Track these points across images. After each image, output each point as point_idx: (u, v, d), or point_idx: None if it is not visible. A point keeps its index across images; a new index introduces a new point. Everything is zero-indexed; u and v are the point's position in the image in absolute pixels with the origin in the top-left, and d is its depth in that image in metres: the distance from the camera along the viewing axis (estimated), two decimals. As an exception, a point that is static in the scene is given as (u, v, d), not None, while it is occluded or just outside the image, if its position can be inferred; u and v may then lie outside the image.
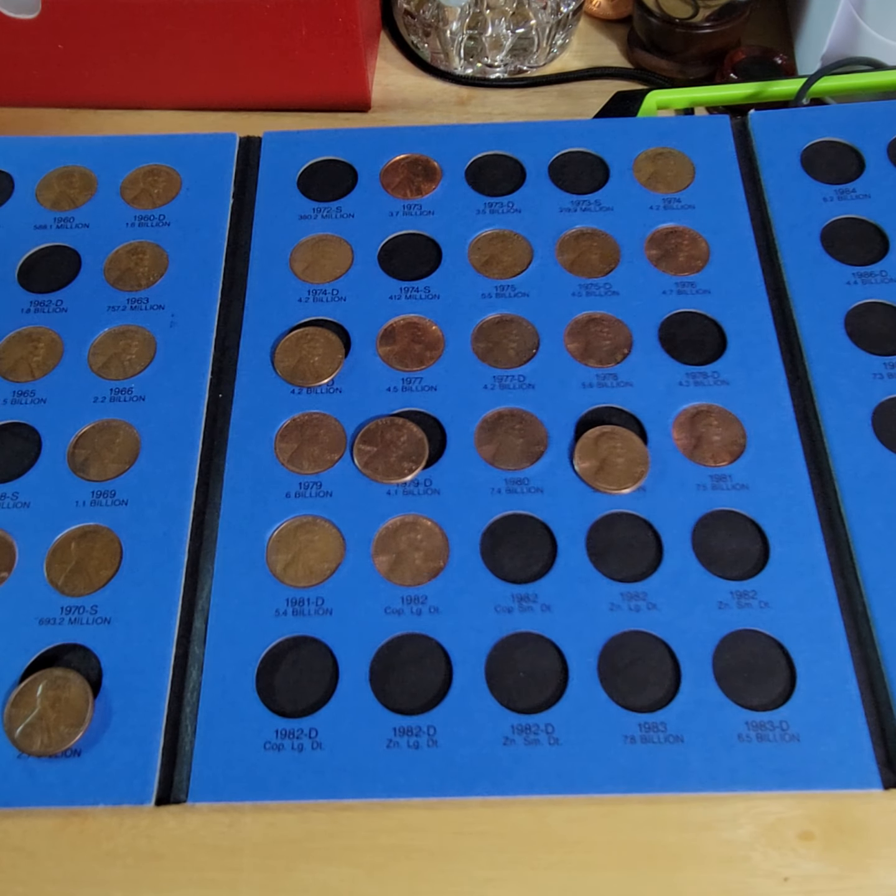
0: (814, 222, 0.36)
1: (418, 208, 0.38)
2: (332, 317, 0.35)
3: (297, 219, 0.37)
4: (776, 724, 0.27)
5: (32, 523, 0.31)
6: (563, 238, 0.37)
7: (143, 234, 0.37)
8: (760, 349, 0.34)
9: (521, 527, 0.31)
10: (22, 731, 0.27)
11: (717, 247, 0.36)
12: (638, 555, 0.30)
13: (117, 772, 0.27)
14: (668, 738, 0.27)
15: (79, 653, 0.29)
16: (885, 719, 0.27)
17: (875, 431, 0.32)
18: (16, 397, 0.33)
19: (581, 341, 0.34)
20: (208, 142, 0.39)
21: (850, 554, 0.30)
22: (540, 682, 0.28)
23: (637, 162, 0.38)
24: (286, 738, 0.27)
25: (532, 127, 0.40)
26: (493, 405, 0.33)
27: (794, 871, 0.26)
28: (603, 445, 0.32)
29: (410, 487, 0.31)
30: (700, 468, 0.31)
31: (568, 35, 0.46)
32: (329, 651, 0.29)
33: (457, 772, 0.27)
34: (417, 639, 0.29)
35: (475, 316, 0.35)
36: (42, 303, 0.36)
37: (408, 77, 0.46)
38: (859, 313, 0.34)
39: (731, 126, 0.39)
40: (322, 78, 0.42)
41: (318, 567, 0.30)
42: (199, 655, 0.29)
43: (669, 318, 0.35)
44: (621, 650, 0.28)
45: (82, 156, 0.39)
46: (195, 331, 0.35)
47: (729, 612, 0.29)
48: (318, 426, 0.33)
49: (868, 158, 0.38)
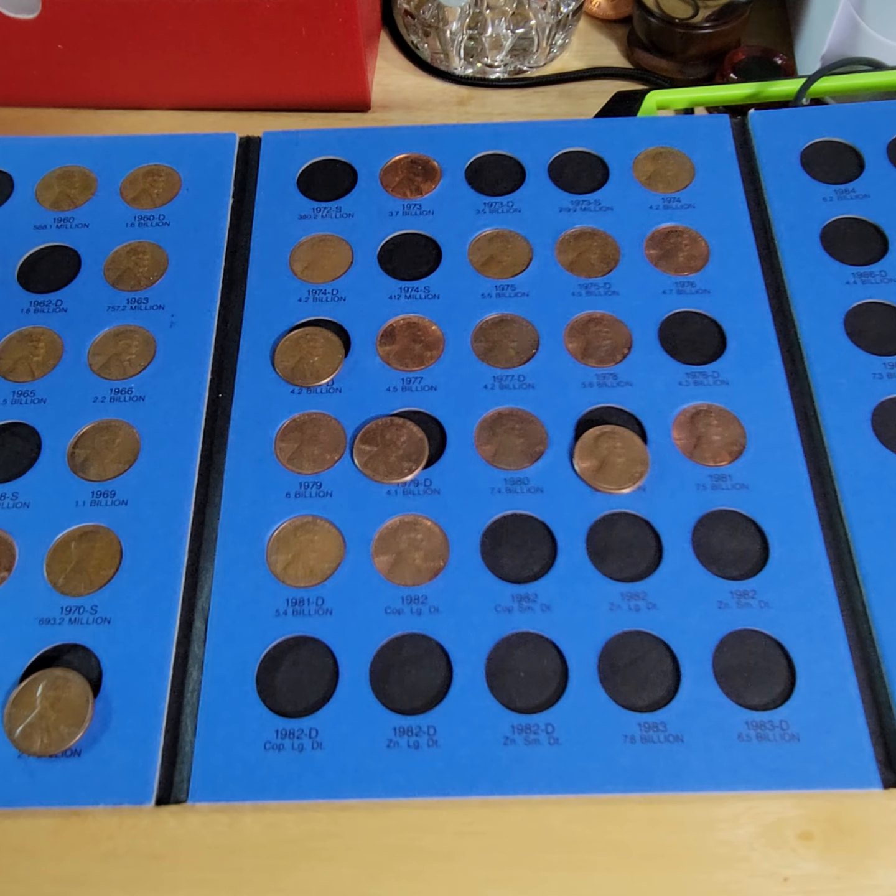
0: (813, 222, 0.36)
1: (418, 208, 0.38)
2: (332, 317, 0.35)
3: (296, 218, 0.37)
4: (776, 724, 0.27)
5: (32, 523, 0.31)
6: (562, 238, 0.37)
7: (143, 234, 0.37)
8: (760, 349, 0.34)
9: (521, 527, 0.31)
10: (22, 731, 0.27)
11: (716, 246, 0.36)
12: (638, 555, 0.30)
13: (117, 772, 0.27)
14: (667, 737, 0.27)
15: (79, 653, 0.29)
16: (885, 719, 0.27)
17: (875, 431, 0.32)
18: (16, 397, 0.33)
19: (581, 341, 0.34)
20: (208, 142, 0.39)
21: (850, 554, 0.30)
22: (540, 682, 0.28)
23: (637, 162, 0.38)
24: (286, 738, 0.27)
25: (532, 127, 0.39)
26: (493, 405, 0.33)
27: (794, 871, 0.26)
28: (603, 445, 0.32)
29: (410, 487, 0.31)
30: (700, 468, 0.31)
31: (568, 35, 0.46)
32: (329, 651, 0.29)
33: (457, 772, 0.27)
34: (417, 639, 0.29)
35: (475, 316, 0.35)
36: (42, 303, 0.36)
37: (408, 77, 0.46)
38: (859, 313, 0.34)
39: (731, 126, 0.39)
40: (322, 78, 0.42)
41: (318, 567, 0.30)
42: (199, 655, 0.29)
43: (669, 318, 0.35)
44: (621, 650, 0.28)
45: (82, 156, 0.39)
46: (195, 331, 0.35)
47: (729, 611, 0.29)
48: (318, 426, 0.33)
49: (868, 158, 0.38)
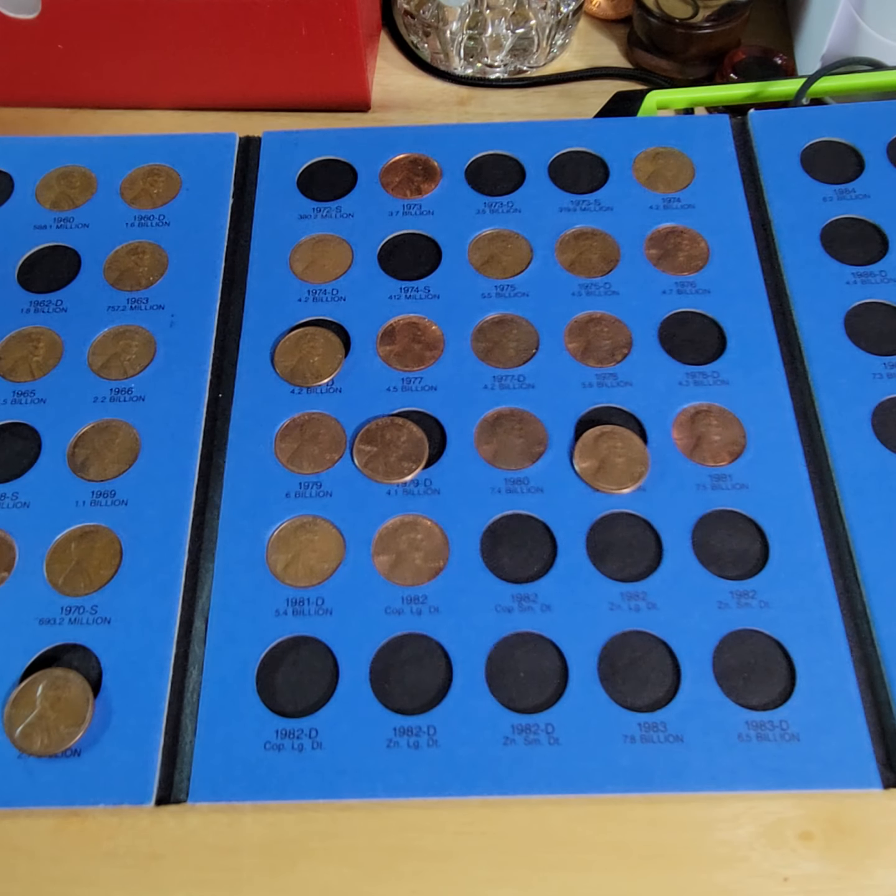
0: (813, 222, 0.36)
1: (418, 208, 0.38)
2: (332, 317, 0.35)
3: (296, 219, 0.37)
4: (776, 724, 0.27)
5: (32, 523, 0.31)
6: (562, 238, 0.37)
7: (143, 234, 0.37)
8: (760, 349, 0.34)
9: (521, 527, 0.31)
10: (22, 731, 0.27)
11: (716, 246, 0.36)
12: (638, 555, 0.30)
13: (117, 772, 0.27)
14: (667, 737, 0.27)
15: (79, 653, 0.29)
16: (885, 719, 0.27)
17: (875, 431, 0.32)
18: (16, 397, 0.33)
19: (581, 341, 0.34)
20: (208, 142, 0.39)
21: (850, 554, 0.30)
22: (540, 682, 0.28)
23: (637, 161, 0.38)
24: (286, 738, 0.27)
25: (532, 127, 0.39)
26: (493, 405, 0.33)
27: (794, 871, 0.26)
28: (603, 445, 0.32)
29: (410, 487, 0.31)
30: (700, 468, 0.31)
31: (568, 35, 0.46)
32: (329, 651, 0.29)
33: (457, 772, 0.27)
34: (417, 639, 0.29)
35: (475, 316, 0.35)
36: (42, 303, 0.36)
37: (408, 77, 0.46)
38: (859, 313, 0.34)
39: (731, 126, 0.39)
40: (322, 78, 0.42)
41: (318, 567, 0.30)
42: (199, 655, 0.29)
43: (669, 318, 0.35)
44: (621, 650, 0.28)
45: (82, 156, 0.39)
46: (195, 331, 0.35)
47: (729, 611, 0.29)
48: (318, 426, 0.33)
49: (867, 158, 0.38)
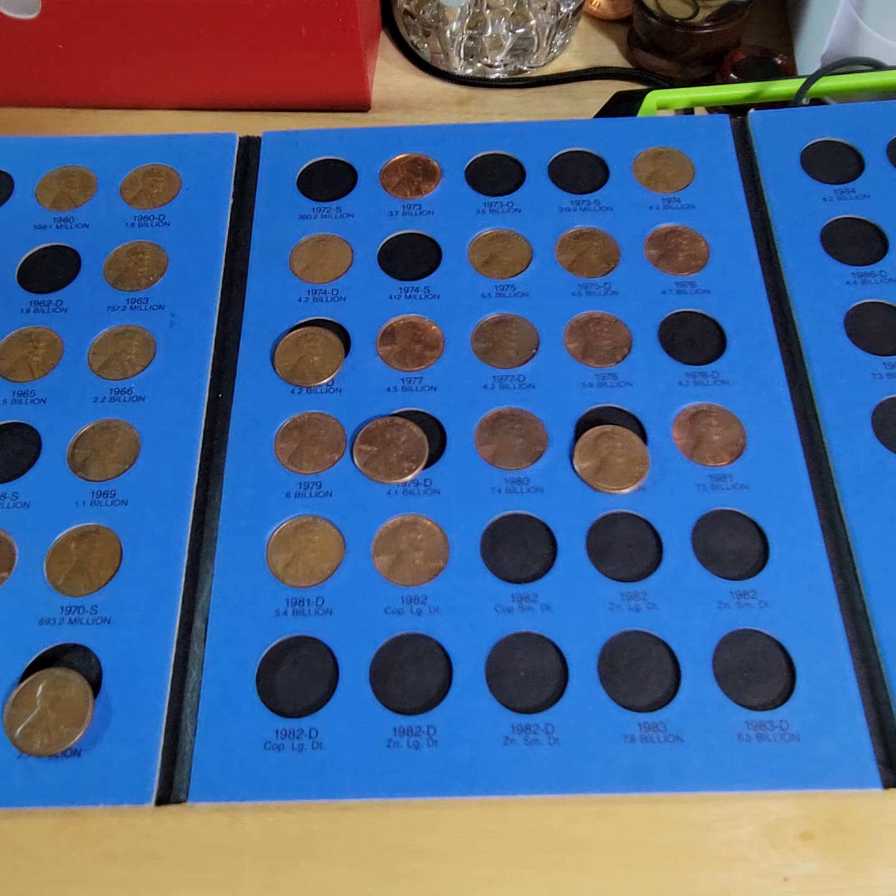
0: (813, 222, 0.36)
1: (418, 208, 0.38)
2: (332, 317, 0.35)
3: (296, 218, 0.37)
4: (776, 724, 0.27)
5: (32, 523, 0.31)
6: (562, 238, 0.37)
7: (143, 234, 0.37)
8: (760, 349, 0.34)
9: (521, 527, 0.31)
10: (22, 731, 0.27)
11: (716, 246, 0.36)
12: (638, 555, 0.30)
13: (117, 772, 0.27)
14: (667, 737, 0.27)
15: (79, 653, 0.29)
16: (885, 719, 0.27)
17: (875, 431, 0.32)
18: (16, 397, 0.33)
19: (581, 341, 0.34)
20: (208, 142, 0.39)
21: (850, 554, 0.30)
22: (540, 682, 0.28)
23: (637, 162, 0.38)
24: (286, 738, 0.27)
25: (532, 127, 0.39)
26: (493, 405, 0.33)
27: (793, 871, 0.26)
28: (603, 445, 0.32)
29: (410, 487, 0.31)
30: (700, 468, 0.31)
31: (568, 35, 0.46)
32: (329, 651, 0.29)
33: (456, 772, 0.27)
34: (417, 639, 0.29)
35: (475, 316, 0.35)
36: (42, 303, 0.36)
37: (408, 77, 0.46)
38: (859, 313, 0.34)
39: (731, 126, 0.39)
40: (322, 78, 0.42)
41: (318, 567, 0.30)
42: (199, 655, 0.29)
43: (669, 318, 0.35)
44: (621, 650, 0.28)
45: (82, 156, 0.39)
46: (195, 331, 0.35)
47: (729, 611, 0.29)
48: (318, 426, 0.33)
49: (867, 158, 0.37)
